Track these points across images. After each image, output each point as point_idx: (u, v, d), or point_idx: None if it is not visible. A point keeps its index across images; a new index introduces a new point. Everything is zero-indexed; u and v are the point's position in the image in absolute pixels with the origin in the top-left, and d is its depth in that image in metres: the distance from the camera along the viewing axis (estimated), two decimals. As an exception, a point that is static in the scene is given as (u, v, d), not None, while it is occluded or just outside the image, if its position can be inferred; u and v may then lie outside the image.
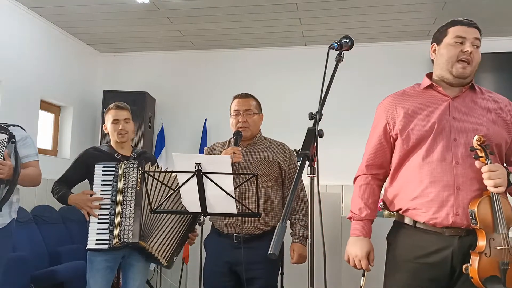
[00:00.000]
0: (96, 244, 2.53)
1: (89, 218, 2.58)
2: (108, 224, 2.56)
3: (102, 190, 2.61)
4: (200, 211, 2.18)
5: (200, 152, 4.80)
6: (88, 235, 2.55)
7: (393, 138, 1.94)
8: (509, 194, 1.83)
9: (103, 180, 2.62)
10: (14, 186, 2.51)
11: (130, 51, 5.50)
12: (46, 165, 3.18)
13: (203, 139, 5.08)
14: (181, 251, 2.83)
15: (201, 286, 2.50)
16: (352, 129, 4.63)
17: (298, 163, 1.43)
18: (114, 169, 2.63)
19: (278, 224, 1.27)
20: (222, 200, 2.11)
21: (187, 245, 4.16)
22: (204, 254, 2.62)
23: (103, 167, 2.64)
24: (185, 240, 2.71)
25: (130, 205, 2.57)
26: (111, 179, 2.61)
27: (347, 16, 4.39)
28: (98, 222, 2.56)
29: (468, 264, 1.70)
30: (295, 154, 2.67)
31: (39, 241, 4.07)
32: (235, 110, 2.62)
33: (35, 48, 4.53)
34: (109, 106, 2.87)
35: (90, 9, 4.35)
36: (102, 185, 2.62)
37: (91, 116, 5.43)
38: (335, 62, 1.64)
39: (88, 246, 2.54)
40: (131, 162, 2.64)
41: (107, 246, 2.53)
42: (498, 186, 1.68)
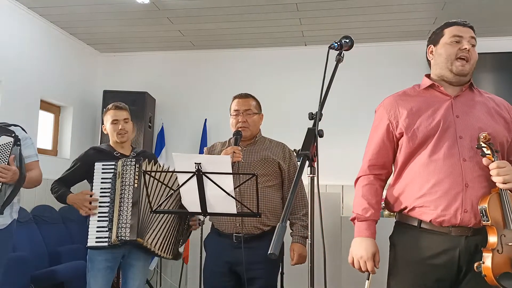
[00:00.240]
0: (96, 242, 2.54)
1: (89, 216, 2.59)
2: (107, 222, 2.57)
3: (102, 188, 2.62)
4: (200, 211, 2.18)
5: (200, 152, 4.79)
6: (88, 233, 2.56)
7: (397, 138, 1.93)
8: None
9: (103, 178, 2.63)
10: (18, 190, 2.53)
11: (130, 51, 5.49)
12: (46, 165, 3.18)
13: (203, 139, 5.08)
14: (186, 240, 2.80)
15: (201, 286, 2.50)
16: (352, 129, 4.63)
17: (298, 163, 1.43)
18: (113, 167, 2.64)
19: (278, 224, 1.27)
20: (222, 200, 2.10)
21: (187, 245, 4.15)
22: (204, 254, 2.62)
23: (103, 166, 2.65)
24: (183, 230, 2.71)
25: (128, 203, 2.58)
26: (110, 177, 2.62)
27: (347, 16, 4.39)
28: (98, 220, 2.57)
29: (481, 262, 1.67)
30: (295, 154, 2.67)
31: (39, 241, 4.07)
32: (235, 110, 2.62)
33: (35, 48, 4.53)
34: (108, 107, 2.87)
35: (90, 9, 4.35)
36: (102, 183, 2.63)
37: (91, 116, 5.43)
38: (335, 62, 1.64)
39: (88, 244, 2.55)
40: (129, 160, 2.65)
41: (107, 244, 2.53)
42: (507, 182, 1.68)
